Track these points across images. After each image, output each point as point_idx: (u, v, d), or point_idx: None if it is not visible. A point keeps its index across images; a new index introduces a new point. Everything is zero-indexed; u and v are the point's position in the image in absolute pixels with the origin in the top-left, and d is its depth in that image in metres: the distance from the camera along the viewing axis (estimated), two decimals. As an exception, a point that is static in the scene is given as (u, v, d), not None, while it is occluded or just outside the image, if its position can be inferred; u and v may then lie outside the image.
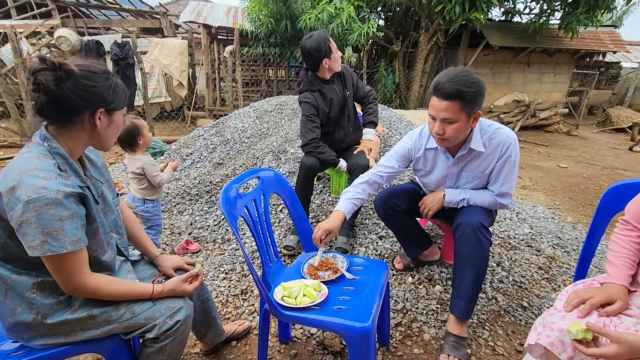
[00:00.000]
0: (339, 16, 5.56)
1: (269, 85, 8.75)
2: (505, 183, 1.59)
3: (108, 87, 0.98)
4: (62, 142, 0.97)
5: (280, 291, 1.28)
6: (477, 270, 1.51)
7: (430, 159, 1.68)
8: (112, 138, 1.06)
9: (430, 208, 1.70)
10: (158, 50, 6.71)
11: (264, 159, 3.28)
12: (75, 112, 0.95)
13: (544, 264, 2.28)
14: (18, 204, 0.84)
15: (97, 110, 0.96)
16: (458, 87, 1.32)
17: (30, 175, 0.86)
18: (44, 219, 0.85)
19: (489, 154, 1.55)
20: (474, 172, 1.62)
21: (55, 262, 0.91)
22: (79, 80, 0.92)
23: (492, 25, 7.76)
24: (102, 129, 1.00)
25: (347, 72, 2.38)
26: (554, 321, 1.01)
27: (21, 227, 0.86)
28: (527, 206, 3.38)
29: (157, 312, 1.07)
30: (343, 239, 2.22)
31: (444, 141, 1.48)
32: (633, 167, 5.62)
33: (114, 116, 1.02)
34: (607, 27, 8.98)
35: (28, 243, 0.86)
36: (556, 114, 8.28)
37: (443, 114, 1.38)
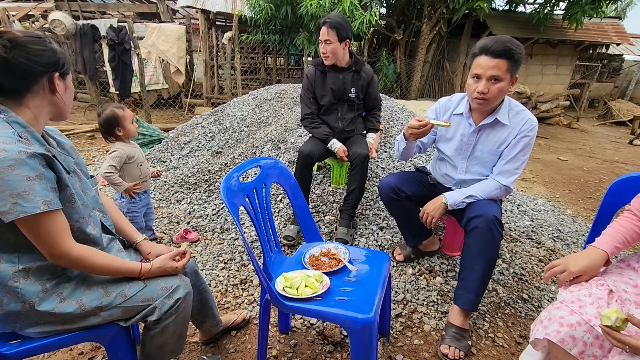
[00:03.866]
0: (341, 3, 5.46)
1: (268, 73, 8.64)
2: (512, 163, 1.61)
3: (56, 50, 0.96)
4: (19, 112, 0.94)
5: (281, 282, 1.26)
6: (488, 263, 1.51)
7: (454, 124, 1.72)
8: (69, 104, 1.04)
9: (433, 216, 1.68)
10: (155, 35, 6.59)
11: (264, 148, 3.24)
12: (32, 78, 0.93)
13: (544, 257, 2.28)
14: None
15: (53, 74, 0.95)
16: (509, 46, 1.42)
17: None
18: (10, 180, 0.82)
19: (510, 128, 1.60)
20: (490, 146, 1.65)
21: (32, 225, 0.87)
22: (28, 46, 0.90)
23: (496, 14, 7.66)
24: (59, 94, 0.98)
25: (367, 74, 2.33)
26: (562, 315, 0.99)
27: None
28: (528, 198, 3.37)
29: (154, 293, 1.07)
30: (343, 230, 2.21)
31: (484, 102, 1.52)
32: (633, 160, 5.62)
33: (67, 80, 1.01)
34: (611, 19, 8.88)
35: (1, 208, 0.83)
36: (557, 106, 8.24)
37: (491, 72, 1.45)
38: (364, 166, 2.19)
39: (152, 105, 6.97)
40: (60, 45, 0.97)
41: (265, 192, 1.43)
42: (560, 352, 0.98)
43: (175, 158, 3.61)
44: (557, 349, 0.98)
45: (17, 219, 0.85)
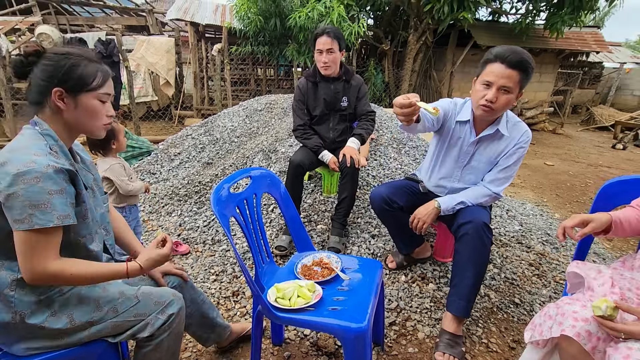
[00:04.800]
0: (329, 15, 5.54)
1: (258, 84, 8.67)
2: (506, 171, 1.64)
3: (63, 65, 0.94)
4: (51, 125, 0.97)
5: (273, 292, 1.25)
6: (478, 269, 1.52)
7: (456, 132, 1.68)
8: (89, 123, 1.00)
9: (425, 221, 1.67)
10: (144, 48, 6.58)
11: (254, 158, 3.24)
12: (40, 91, 0.95)
13: (534, 261, 2.31)
14: (6, 177, 0.84)
15: (52, 89, 0.94)
16: (524, 58, 1.40)
17: (21, 153, 0.87)
18: (32, 192, 0.84)
19: (509, 139, 1.61)
20: (488, 155, 1.65)
21: (31, 238, 0.86)
22: (42, 61, 0.94)
23: (480, 25, 7.86)
24: (68, 111, 0.97)
25: (356, 83, 2.35)
26: (576, 310, 0.98)
27: (8, 200, 0.84)
28: (517, 203, 3.42)
29: (147, 308, 1.04)
30: (335, 239, 2.20)
31: (490, 111, 1.50)
32: (616, 164, 5.76)
33: (79, 98, 0.96)
34: (590, 28, 9.19)
35: (15, 217, 0.84)
36: (542, 112, 8.43)
37: (504, 81, 1.42)
38: (355, 175, 2.20)
39: (141, 118, 6.92)
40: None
41: (256, 203, 1.43)
42: (574, 347, 0.96)
43: (165, 170, 3.58)
44: (572, 345, 0.96)
45: (19, 232, 0.85)
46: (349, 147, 2.19)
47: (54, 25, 6.99)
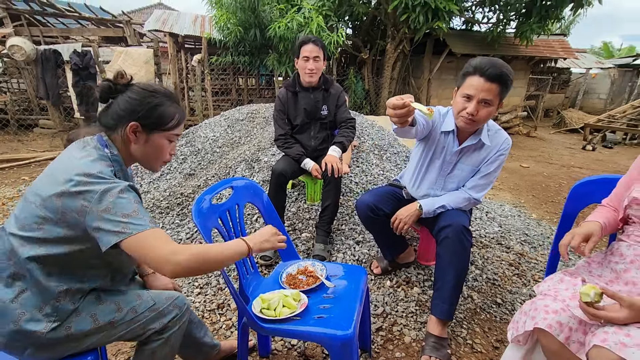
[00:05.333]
0: (308, 25, 5.60)
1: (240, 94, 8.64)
2: (487, 178, 1.67)
3: (148, 103, 0.99)
4: (119, 149, 1.01)
5: (258, 303, 1.23)
6: (459, 272, 1.54)
7: (441, 141, 1.69)
8: (150, 159, 1.05)
9: (406, 222, 1.69)
10: (122, 59, 6.46)
11: (237, 168, 3.21)
12: (117, 119, 0.99)
13: (514, 260, 2.36)
14: (95, 196, 0.86)
15: (129, 122, 0.98)
16: (504, 72, 1.40)
17: (97, 175, 0.89)
18: (122, 203, 0.87)
19: (491, 148, 1.64)
20: (470, 164, 1.68)
21: (141, 242, 0.87)
22: (128, 94, 0.99)
23: (454, 33, 8.11)
24: (137, 144, 1.01)
25: (335, 91, 2.38)
26: (547, 304, 1.02)
27: (102, 216, 0.85)
28: (496, 205, 3.50)
29: (160, 303, 1.08)
30: (320, 246, 2.20)
31: (472, 123, 1.51)
32: (587, 165, 6.01)
33: (152, 135, 1.01)
34: (557, 36, 9.62)
35: (111, 228, 0.85)
36: (516, 117, 8.73)
37: (484, 95, 1.43)
38: (338, 182, 2.21)
39: (120, 130, 6.76)
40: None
41: (238, 213, 1.41)
42: (549, 340, 0.99)
43: (145, 182, 3.50)
44: (546, 337, 1.00)
45: (126, 239, 0.86)
46: (331, 156, 2.20)
47: (26, 37, 6.79)
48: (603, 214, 1.23)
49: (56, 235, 0.90)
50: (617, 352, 0.85)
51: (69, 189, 0.86)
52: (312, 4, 5.95)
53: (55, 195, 0.87)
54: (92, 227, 0.86)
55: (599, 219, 1.20)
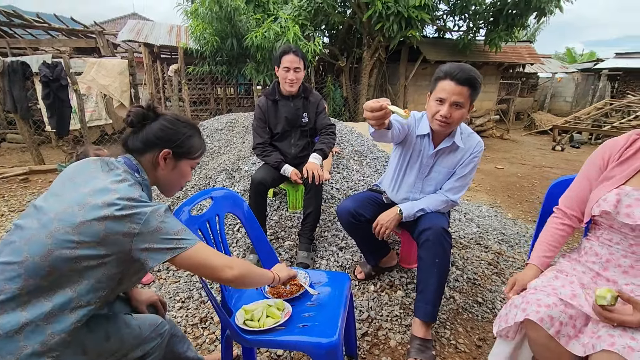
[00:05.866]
0: (285, 34, 5.63)
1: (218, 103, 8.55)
2: (463, 180, 1.71)
3: (183, 133, 1.05)
4: (148, 175, 1.04)
5: (242, 315, 1.21)
6: (441, 274, 1.56)
7: (417, 145, 1.73)
8: (173, 184, 1.11)
9: (388, 227, 1.70)
10: (95, 70, 6.28)
11: (217, 178, 3.16)
12: (148, 144, 1.02)
13: (492, 260, 2.42)
14: (143, 218, 0.88)
15: (163, 149, 1.03)
16: (472, 75, 1.47)
17: (139, 199, 0.91)
18: (170, 222, 0.92)
19: (464, 151, 1.68)
20: (446, 166, 1.72)
21: (195, 255, 0.92)
22: (162, 122, 1.04)
23: (427, 41, 8.34)
24: (164, 170, 1.05)
25: (315, 99, 2.39)
26: (539, 298, 1.04)
27: (154, 237, 0.88)
28: (473, 206, 3.59)
29: (144, 330, 1.05)
30: (303, 254, 2.19)
31: (446, 125, 1.55)
32: (557, 164, 6.26)
33: (180, 163, 1.07)
34: (524, 43, 10.06)
35: (165, 246, 0.89)
36: (489, 120, 9.03)
37: (456, 97, 1.48)
38: (319, 189, 2.22)
39: (95, 142, 6.56)
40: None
41: (219, 224, 1.39)
42: (539, 333, 1.01)
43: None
44: (536, 330, 1.01)
45: (180, 255, 0.90)
46: (311, 163, 2.20)
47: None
48: (546, 242, 1.27)
49: (91, 254, 0.88)
50: (626, 356, 0.88)
51: (114, 212, 0.85)
52: (288, 14, 6.00)
53: (97, 220, 0.85)
54: (140, 248, 0.88)
55: (539, 256, 1.25)
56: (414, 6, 6.05)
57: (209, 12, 5.80)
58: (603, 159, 1.19)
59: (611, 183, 1.14)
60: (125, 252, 0.89)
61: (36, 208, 0.91)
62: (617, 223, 1.10)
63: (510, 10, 6.96)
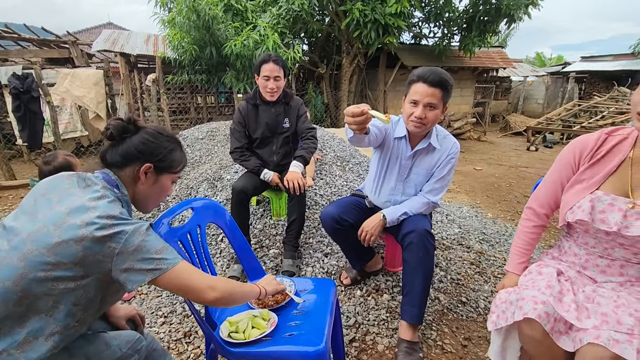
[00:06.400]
0: (264, 42, 5.64)
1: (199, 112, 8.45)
2: (442, 181, 1.74)
3: (165, 147, 1.03)
4: (128, 189, 1.01)
5: (226, 327, 1.18)
6: (426, 275, 1.57)
7: (395, 148, 1.76)
8: (153, 199, 1.07)
9: (372, 233, 1.71)
10: (69, 81, 6.09)
11: (199, 188, 3.11)
12: (129, 158, 0.99)
13: (474, 259, 2.46)
14: (124, 237, 0.84)
15: (144, 163, 0.99)
16: (443, 77, 1.54)
17: (120, 217, 0.88)
18: (152, 241, 0.88)
19: (441, 152, 1.72)
20: (424, 167, 1.75)
21: (176, 277, 0.89)
22: (144, 135, 1.00)
23: (404, 47, 8.53)
24: (144, 184, 1.02)
25: (295, 104, 2.38)
26: (535, 295, 1.05)
27: (134, 257, 0.84)
28: (454, 207, 3.66)
29: (122, 348, 1.01)
30: (289, 262, 2.17)
31: (421, 126, 1.59)
32: (532, 164, 6.47)
33: (161, 177, 1.05)
34: (496, 48, 10.43)
35: (146, 267, 0.85)
36: (467, 123, 9.27)
37: (429, 99, 1.53)
38: (302, 195, 2.21)
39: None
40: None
41: (200, 235, 1.36)
42: (535, 329, 1.02)
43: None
44: (533, 327, 1.02)
45: (161, 276, 0.86)
46: (292, 173, 2.18)
47: (-43, 60, 6.23)
48: (519, 247, 1.32)
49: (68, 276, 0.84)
50: (611, 348, 0.91)
51: (93, 232, 0.81)
52: (267, 22, 6.01)
53: (74, 241, 0.80)
54: (120, 268, 0.84)
55: (515, 263, 1.30)
56: (390, 14, 6.19)
57: (187, 21, 5.75)
58: (574, 158, 1.19)
59: (584, 188, 1.15)
60: (105, 273, 0.85)
61: (5, 228, 0.86)
62: (593, 229, 1.13)
63: (482, 17, 7.22)
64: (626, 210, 1.06)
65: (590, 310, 1.03)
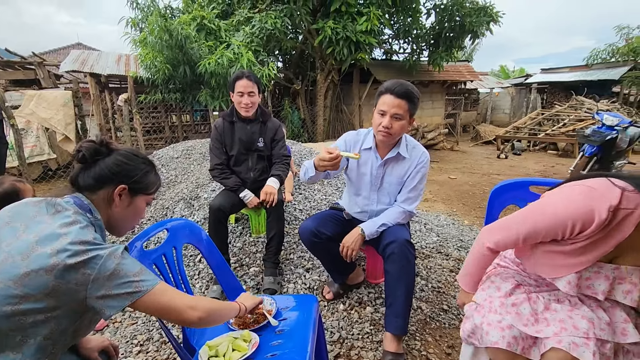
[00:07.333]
0: (238, 60, 5.66)
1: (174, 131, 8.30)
2: (414, 190, 1.77)
3: (140, 169, 1.02)
4: (100, 214, 0.98)
5: (205, 352, 1.13)
6: (408, 285, 1.58)
7: (363, 159, 1.79)
8: (127, 222, 1.05)
9: (353, 248, 1.72)
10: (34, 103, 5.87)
11: (175, 208, 3.02)
12: (102, 180, 0.96)
13: (453, 267, 2.50)
14: (99, 262, 0.81)
15: (118, 185, 0.97)
16: (409, 90, 1.60)
17: (94, 242, 0.84)
18: (128, 263, 0.85)
19: (410, 161, 1.76)
20: (395, 176, 1.78)
21: (157, 299, 0.86)
22: (117, 157, 0.99)
23: (377, 63, 8.79)
24: (119, 207, 1.00)
25: (272, 125, 2.38)
26: (499, 320, 1.06)
27: (111, 282, 0.81)
28: (432, 216, 3.73)
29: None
30: (270, 279, 2.12)
31: (388, 136, 1.64)
32: (503, 171, 6.73)
33: (136, 199, 1.03)
34: (463, 62, 10.93)
35: (124, 291, 0.82)
36: (439, 134, 9.57)
37: (395, 110, 1.59)
38: (280, 211, 2.19)
39: (37, 179, 6.05)
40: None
41: (176, 256, 1.31)
42: (506, 354, 1.03)
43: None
44: (503, 353, 1.04)
45: (141, 299, 0.83)
46: (269, 187, 2.20)
47: None
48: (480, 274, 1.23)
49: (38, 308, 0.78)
50: (572, 352, 0.94)
51: (65, 260, 0.77)
52: (241, 41, 6.05)
53: (44, 270, 0.75)
54: (95, 296, 0.80)
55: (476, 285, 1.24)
56: (361, 31, 6.38)
57: (159, 41, 5.70)
58: (572, 228, 0.95)
59: (572, 264, 0.99)
60: (79, 302, 0.80)
61: None
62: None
63: (447, 34, 7.59)
64: (613, 278, 0.98)
65: (549, 319, 1.04)
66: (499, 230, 1.12)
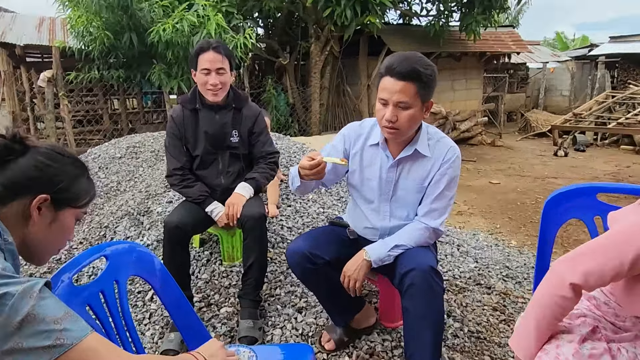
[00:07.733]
0: (204, 25, 5.69)
1: (116, 121, 8.32)
2: (440, 200, 1.75)
3: (67, 173, 1.01)
4: (13, 234, 0.96)
5: None
6: (435, 327, 1.58)
7: (369, 158, 1.78)
8: (50, 245, 1.05)
9: (357, 278, 1.71)
10: None
11: (117, 227, 3.02)
12: (14, 189, 0.95)
13: (497, 303, 2.51)
14: (9, 301, 0.78)
15: (37, 194, 0.95)
16: (415, 66, 1.52)
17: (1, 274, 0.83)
18: (49, 305, 0.83)
19: (433, 160, 1.73)
20: (413, 182, 1.76)
21: (86, 354, 0.84)
22: (36, 157, 0.97)
23: (390, 29, 8.87)
24: (38, 224, 0.98)
25: (250, 113, 2.39)
26: None
27: (24, 331, 0.78)
28: (467, 235, 3.74)
29: None
30: (248, 323, 2.11)
31: (394, 132, 1.61)
32: (562, 173, 6.80)
33: (61, 213, 1.02)
34: (506, 28, 11.08)
35: (41, 343, 0.79)
36: (476, 124, 9.66)
37: (397, 97, 1.54)
38: (262, 230, 2.19)
39: None
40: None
41: (119, 294, 1.30)
42: None
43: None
44: None
45: (66, 354, 0.81)
46: (236, 195, 2.21)
47: None
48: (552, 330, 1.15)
49: None
50: None
51: None
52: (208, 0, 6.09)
53: None
54: (2, 350, 0.78)
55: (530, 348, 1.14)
56: (370, -14, 6.46)
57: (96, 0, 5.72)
58: None
59: None
60: None
61: None
62: None
63: (486, -11, 7.68)
64: None
65: None
66: (584, 257, 1.04)
